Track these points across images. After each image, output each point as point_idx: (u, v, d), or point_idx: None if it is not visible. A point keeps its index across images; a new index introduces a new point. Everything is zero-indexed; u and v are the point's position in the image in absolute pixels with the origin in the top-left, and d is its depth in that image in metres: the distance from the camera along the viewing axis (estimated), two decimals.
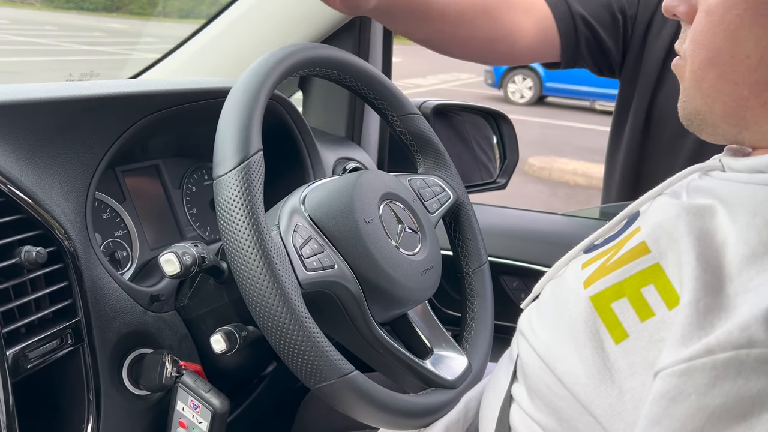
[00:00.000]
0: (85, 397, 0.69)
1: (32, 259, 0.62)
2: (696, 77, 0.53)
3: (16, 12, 14.56)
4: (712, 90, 0.52)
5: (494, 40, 1.05)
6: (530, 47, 1.08)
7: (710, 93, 0.52)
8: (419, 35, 1.02)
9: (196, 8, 10.92)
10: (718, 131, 0.54)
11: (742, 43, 0.49)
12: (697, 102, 0.54)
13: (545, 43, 1.09)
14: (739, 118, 0.52)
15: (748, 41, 0.48)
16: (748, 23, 0.48)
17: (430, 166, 0.86)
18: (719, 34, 0.50)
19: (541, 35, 1.08)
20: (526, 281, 1.26)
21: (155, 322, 0.76)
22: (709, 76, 0.52)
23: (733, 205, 0.47)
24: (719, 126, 0.54)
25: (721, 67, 0.50)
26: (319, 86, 1.27)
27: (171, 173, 0.97)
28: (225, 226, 0.58)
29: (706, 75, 0.52)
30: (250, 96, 0.63)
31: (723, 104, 0.52)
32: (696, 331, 0.42)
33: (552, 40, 1.09)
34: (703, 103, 0.53)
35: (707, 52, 0.51)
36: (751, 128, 0.52)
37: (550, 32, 1.08)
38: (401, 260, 0.70)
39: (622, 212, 0.62)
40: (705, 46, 0.51)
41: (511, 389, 0.61)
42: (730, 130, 0.53)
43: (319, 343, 0.58)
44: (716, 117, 0.53)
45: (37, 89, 0.72)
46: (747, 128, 0.52)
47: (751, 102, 0.50)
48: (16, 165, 0.66)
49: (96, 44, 11.08)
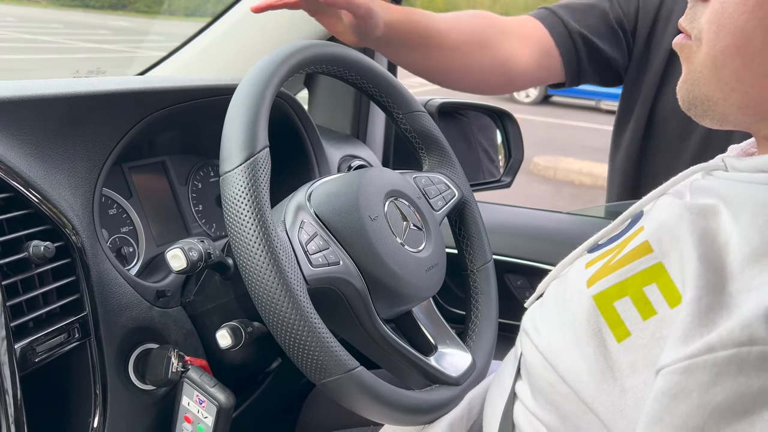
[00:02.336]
0: (92, 391, 0.69)
1: (40, 254, 0.63)
2: (715, 62, 0.49)
3: (22, 10, 14.61)
4: (733, 78, 0.49)
5: (491, 68, 1.06)
6: (530, 72, 1.09)
7: (730, 81, 0.49)
8: (419, 66, 1.04)
9: (202, 6, 10.94)
10: (728, 119, 0.52)
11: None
12: (710, 88, 0.51)
13: (546, 66, 1.10)
14: (759, 110, 0.49)
15: None
16: None
17: (435, 163, 0.86)
18: (753, 20, 0.46)
19: (541, 59, 1.09)
20: (531, 279, 1.26)
21: (161, 317, 0.76)
22: (733, 64, 0.48)
23: (735, 204, 0.47)
24: (731, 115, 0.51)
25: (750, 56, 0.47)
26: (324, 84, 1.27)
27: (177, 170, 0.98)
28: (231, 222, 0.59)
29: (729, 62, 0.48)
30: (257, 93, 0.64)
31: (743, 94, 0.49)
32: (698, 329, 0.42)
33: (553, 61, 1.10)
34: (718, 90, 0.50)
35: (734, 38, 0.47)
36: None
37: (550, 55, 1.09)
38: (406, 257, 0.70)
39: (625, 212, 0.62)
40: (732, 31, 0.47)
41: (514, 387, 0.61)
42: (745, 119, 0.51)
43: (324, 339, 0.58)
44: (731, 106, 0.50)
45: (44, 85, 0.72)
46: (766, 120, 0.50)
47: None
48: (24, 160, 0.66)
49: (102, 42, 11.11)
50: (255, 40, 1.14)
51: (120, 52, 9.83)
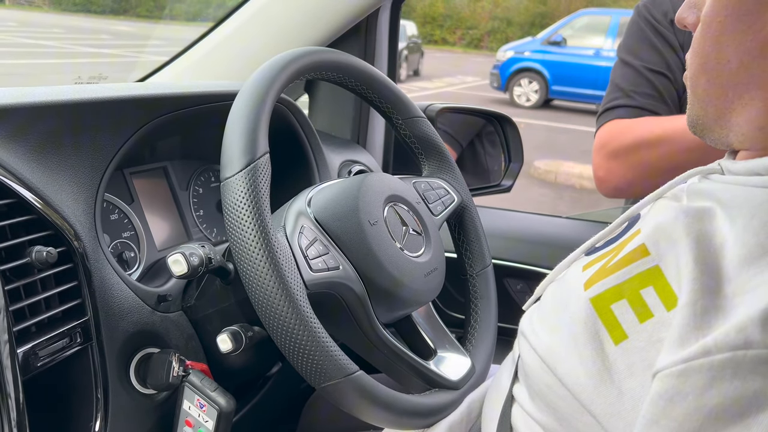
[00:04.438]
0: (94, 396, 0.70)
1: (43, 259, 0.63)
2: (692, 83, 0.55)
3: (23, 14, 14.64)
4: (705, 95, 0.54)
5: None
6: None
7: (703, 98, 0.54)
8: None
9: (203, 11, 10.97)
10: (714, 135, 0.56)
11: (724, 48, 0.51)
12: (696, 108, 0.56)
13: None
14: (726, 121, 0.53)
15: (729, 46, 0.50)
16: (729, 29, 0.50)
17: (434, 168, 0.86)
18: (708, 41, 0.52)
19: None
20: (530, 284, 1.26)
21: (162, 321, 0.76)
22: (701, 82, 0.54)
23: (731, 207, 0.48)
24: (713, 130, 0.55)
25: (710, 72, 0.53)
26: (325, 90, 1.27)
27: (178, 175, 0.98)
28: (232, 228, 0.59)
29: (699, 81, 0.54)
30: (258, 99, 0.64)
31: (714, 108, 0.54)
32: (693, 333, 0.42)
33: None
34: (699, 108, 0.55)
35: (699, 58, 0.53)
36: (734, 129, 0.53)
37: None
38: (405, 262, 0.71)
39: (623, 215, 0.62)
40: (698, 53, 0.53)
41: (512, 389, 0.62)
42: (722, 132, 0.55)
43: (324, 343, 0.59)
44: (710, 121, 0.55)
45: (47, 92, 0.73)
46: (731, 130, 0.53)
47: (735, 104, 0.52)
48: (27, 166, 0.67)
49: (103, 47, 11.12)
50: (256, 46, 1.15)
51: (121, 56, 9.84)
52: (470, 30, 21.54)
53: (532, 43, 10.51)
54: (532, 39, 10.85)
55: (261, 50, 1.14)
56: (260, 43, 1.14)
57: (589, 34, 9.82)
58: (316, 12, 1.11)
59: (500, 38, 19.19)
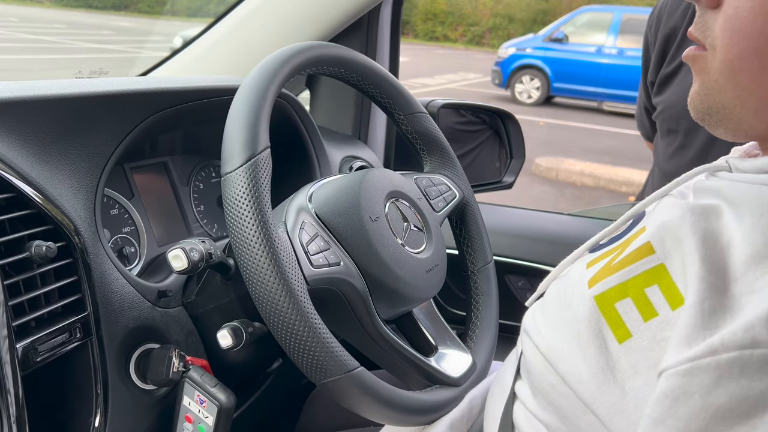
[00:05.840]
0: (93, 391, 0.69)
1: (42, 254, 0.63)
2: (731, 67, 0.49)
3: (25, 10, 14.65)
4: (751, 82, 0.48)
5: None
6: None
7: (747, 85, 0.48)
8: None
9: (204, 7, 10.96)
10: (742, 127, 0.51)
11: None
12: (727, 95, 0.50)
13: None
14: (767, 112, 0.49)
15: None
16: None
17: (436, 164, 0.86)
18: (762, 17, 0.46)
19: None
20: (532, 281, 1.26)
21: (162, 317, 0.76)
22: (751, 67, 0.47)
23: (739, 205, 0.47)
24: (746, 121, 0.50)
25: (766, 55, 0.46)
26: (326, 85, 1.27)
27: (179, 170, 0.98)
28: (232, 223, 0.59)
29: (747, 65, 0.47)
30: (258, 94, 0.64)
31: (760, 98, 0.48)
32: (700, 332, 0.42)
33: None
34: (734, 96, 0.49)
35: (750, 40, 0.46)
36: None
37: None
38: (406, 258, 0.70)
39: (627, 212, 0.62)
40: (748, 33, 0.46)
41: (514, 387, 0.61)
42: (759, 126, 0.50)
43: (324, 339, 0.58)
44: (748, 111, 0.49)
45: (47, 86, 0.72)
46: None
47: None
48: (27, 161, 0.66)
49: (104, 42, 11.12)
50: (257, 41, 1.14)
51: (122, 52, 9.84)
52: (472, 27, 21.51)
53: (533, 40, 10.49)
54: (534, 36, 10.83)
55: (262, 45, 1.13)
56: (261, 38, 1.14)
57: (591, 31, 9.80)
58: (317, 7, 1.11)
59: (502, 35, 19.17)
